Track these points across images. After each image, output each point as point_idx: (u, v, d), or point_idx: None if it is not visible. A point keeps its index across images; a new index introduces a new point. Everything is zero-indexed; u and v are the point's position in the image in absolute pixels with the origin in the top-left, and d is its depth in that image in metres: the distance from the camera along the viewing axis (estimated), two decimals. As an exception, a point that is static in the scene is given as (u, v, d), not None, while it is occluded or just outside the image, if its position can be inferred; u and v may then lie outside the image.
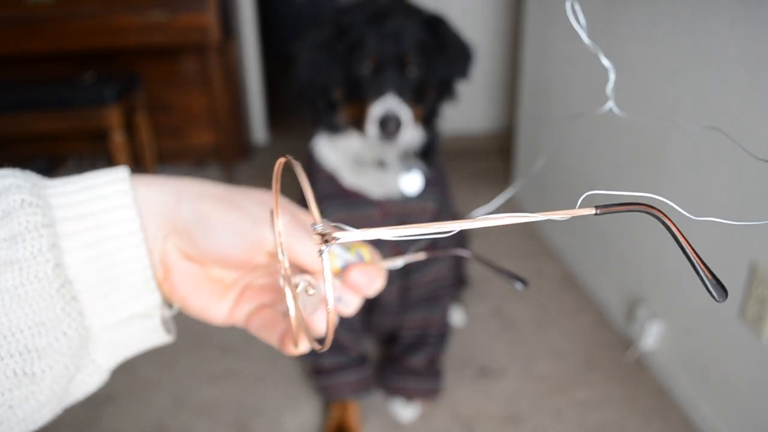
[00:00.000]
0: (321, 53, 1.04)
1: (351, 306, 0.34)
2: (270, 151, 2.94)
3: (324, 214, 1.08)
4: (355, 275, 0.33)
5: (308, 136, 1.14)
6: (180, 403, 1.26)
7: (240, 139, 2.77)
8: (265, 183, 2.54)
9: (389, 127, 0.97)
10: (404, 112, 0.99)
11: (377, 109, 0.99)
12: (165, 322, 0.32)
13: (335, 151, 1.09)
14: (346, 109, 1.06)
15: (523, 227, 2.01)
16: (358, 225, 0.24)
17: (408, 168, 1.08)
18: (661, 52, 1.22)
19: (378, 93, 1.00)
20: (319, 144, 1.11)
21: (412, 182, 1.08)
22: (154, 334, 0.31)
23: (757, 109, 0.96)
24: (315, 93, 1.07)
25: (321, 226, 0.26)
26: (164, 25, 2.20)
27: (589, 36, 0.24)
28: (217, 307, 0.34)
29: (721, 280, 0.22)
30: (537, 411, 1.22)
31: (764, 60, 0.94)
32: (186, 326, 1.51)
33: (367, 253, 0.33)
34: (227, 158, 2.48)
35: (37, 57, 2.34)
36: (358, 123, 1.04)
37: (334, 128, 1.07)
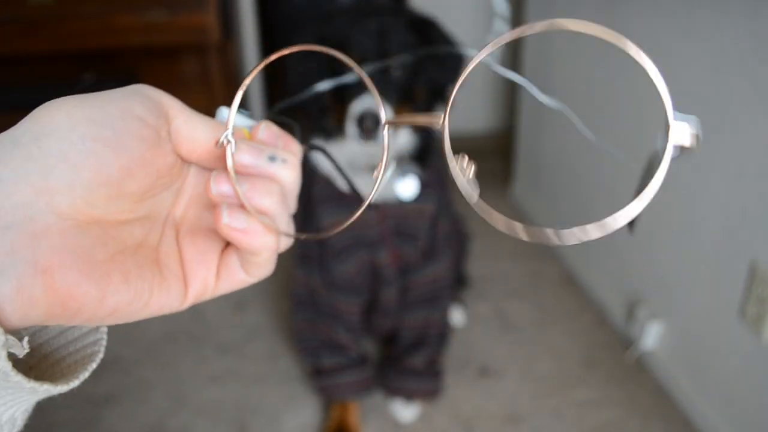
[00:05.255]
0: (307, 60, 1.03)
1: (289, 161, 0.29)
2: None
3: (320, 217, 1.08)
4: (262, 132, 0.29)
5: (308, 137, 1.14)
6: (180, 403, 1.26)
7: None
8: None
9: (366, 124, 0.94)
10: (384, 110, 0.97)
11: (356, 107, 0.97)
12: None
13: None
14: (333, 111, 1.05)
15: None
16: (354, 228, 0.24)
17: (403, 173, 1.08)
18: (661, 51, 1.22)
19: (358, 92, 0.98)
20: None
21: (407, 187, 1.07)
22: None
23: (757, 110, 0.96)
24: (307, 99, 1.06)
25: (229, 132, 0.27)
26: (164, 25, 2.20)
27: (590, 36, 0.24)
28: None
29: (722, 279, 0.22)
30: (537, 411, 1.22)
31: (764, 62, 0.94)
32: (186, 326, 1.52)
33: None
34: (227, 158, 2.48)
35: (37, 57, 2.34)
36: (343, 125, 1.03)
37: (327, 133, 1.07)
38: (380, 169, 0.26)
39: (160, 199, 0.28)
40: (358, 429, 1.17)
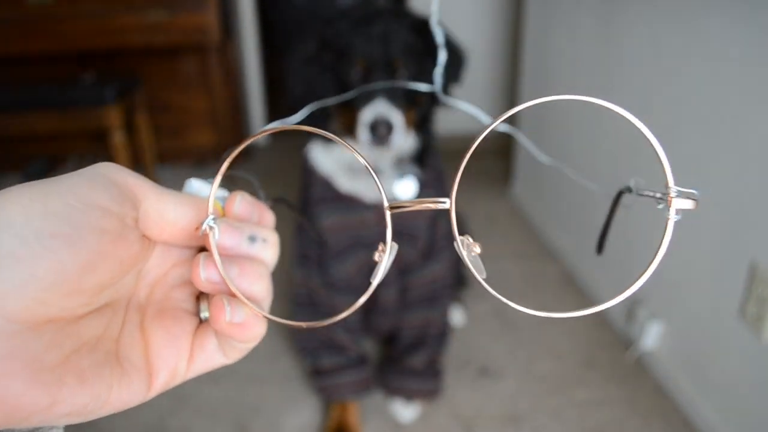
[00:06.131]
0: (310, 66, 1.03)
1: (269, 240, 0.28)
2: (270, 152, 2.94)
3: (319, 217, 1.08)
4: (238, 206, 0.28)
5: (307, 138, 1.14)
6: (180, 403, 1.26)
7: (240, 139, 2.77)
8: (265, 183, 2.54)
9: (380, 131, 0.94)
10: (395, 115, 0.97)
11: (367, 113, 0.97)
12: None
13: (329, 158, 1.08)
14: (338, 116, 1.05)
15: (523, 227, 2.01)
16: (353, 229, 0.24)
17: (402, 174, 1.07)
18: (661, 52, 1.22)
19: (368, 98, 0.98)
20: (313, 150, 1.11)
21: (406, 188, 1.07)
22: None
23: (757, 109, 0.96)
24: (309, 103, 1.06)
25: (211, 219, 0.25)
26: (164, 25, 2.20)
27: (590, 35, 0.24)
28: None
29: (722, 279, 0.22)
30: (537, 411, 1.22)
31: (764, 60, 0.94)
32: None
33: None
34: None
35: (37, 57, 2.34)
36: (351, 130, 1.02)
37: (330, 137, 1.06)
38: (383, 251, 0.25)
39: (121, 284, 0.26)
40: (358, 429, 1.17)
